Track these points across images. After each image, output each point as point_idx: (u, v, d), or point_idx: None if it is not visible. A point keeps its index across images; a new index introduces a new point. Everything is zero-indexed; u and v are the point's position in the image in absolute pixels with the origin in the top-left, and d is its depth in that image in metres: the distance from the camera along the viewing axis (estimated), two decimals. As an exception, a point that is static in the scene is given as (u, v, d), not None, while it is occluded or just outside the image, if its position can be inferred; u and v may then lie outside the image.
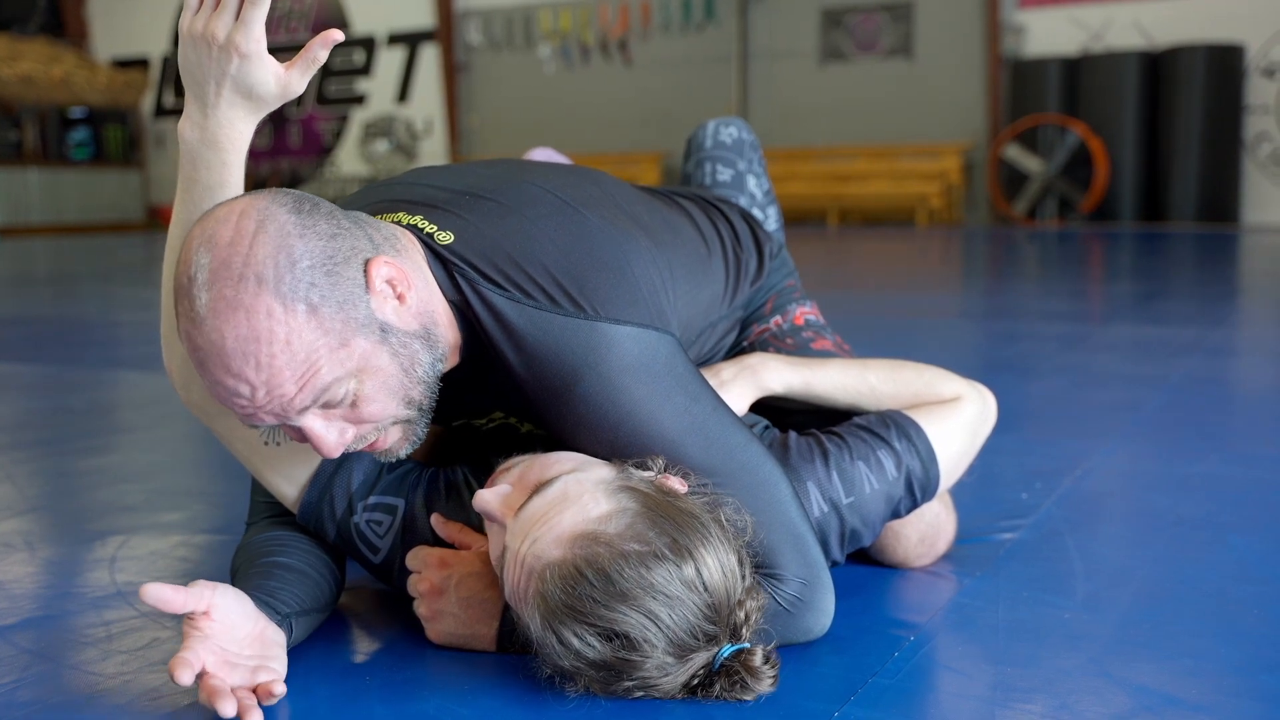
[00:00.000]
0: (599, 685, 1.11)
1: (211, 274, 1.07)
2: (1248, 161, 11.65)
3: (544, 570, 1.09)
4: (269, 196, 1.13)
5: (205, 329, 1.07)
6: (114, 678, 1.24)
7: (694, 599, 1.09)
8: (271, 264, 1.07)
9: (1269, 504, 1.87)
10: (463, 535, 1.30)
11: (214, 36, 1.19)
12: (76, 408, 2.98)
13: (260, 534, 1.37)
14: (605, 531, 1.10)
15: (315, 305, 1.08)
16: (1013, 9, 12.55)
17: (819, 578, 1.26)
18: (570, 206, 1.34)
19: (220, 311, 1.06)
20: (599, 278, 1.25)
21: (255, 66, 1.21)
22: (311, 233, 1.11)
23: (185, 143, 1.24)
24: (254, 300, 1.06)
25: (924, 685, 1.21)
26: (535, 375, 1.22)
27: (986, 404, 1.54)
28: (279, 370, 1.08)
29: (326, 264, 1.10)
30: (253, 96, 1.23)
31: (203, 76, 1.22)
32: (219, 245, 1.08)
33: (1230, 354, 3.67)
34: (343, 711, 1.15)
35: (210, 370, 1.09)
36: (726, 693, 1.13)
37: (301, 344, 1.08)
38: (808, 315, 1.72)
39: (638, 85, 14.42)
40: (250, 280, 1.06)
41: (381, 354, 1.14)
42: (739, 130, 1.94)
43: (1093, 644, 1.30)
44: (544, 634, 1.09)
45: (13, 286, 7.40)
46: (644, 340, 1.24)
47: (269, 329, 1.07)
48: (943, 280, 6.89)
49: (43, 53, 16.27)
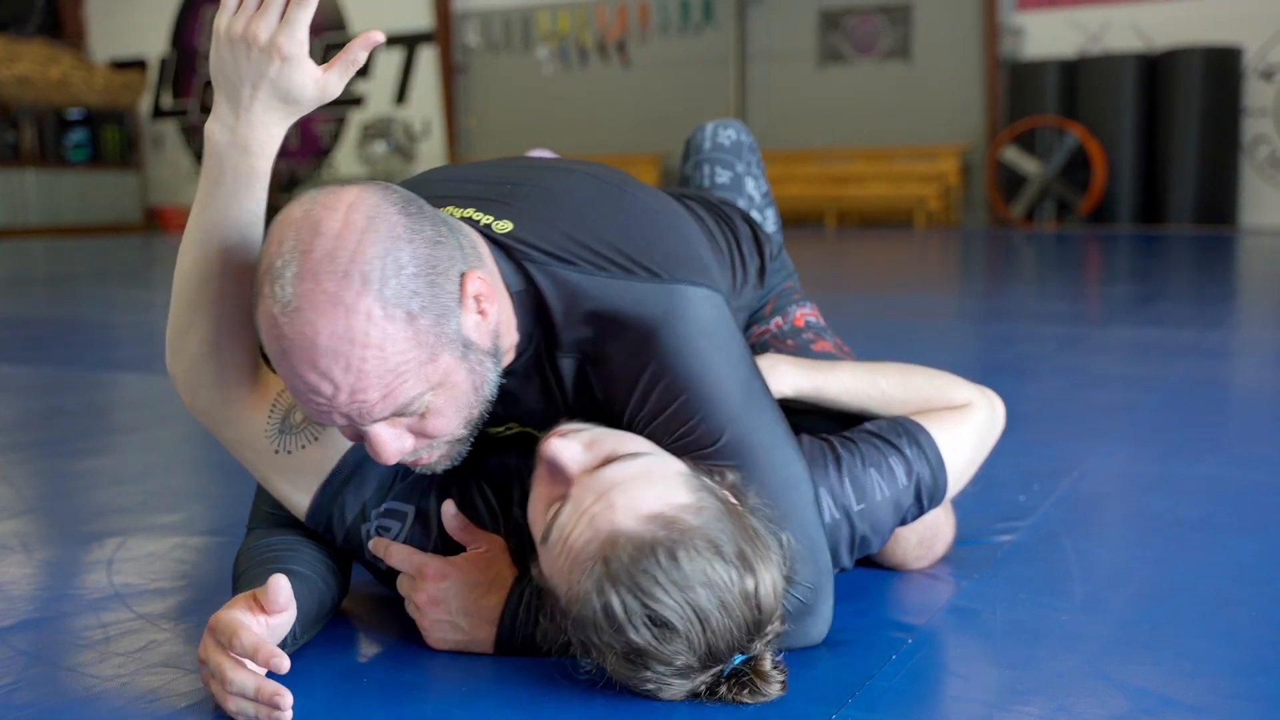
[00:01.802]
0: (617, 668, 1.09)
1: (314, 263, 1.04)
2: (1245, 164, 11.66)
3: (616, 536, 1.07)
4: (378, 191, 1.10)
5: (298, 320, 1.04)
6: (111, 680, 1.24)
7: (744, 612, 1.08)
8: (379, 265, 1.05)
9: (1266, 505, 1.87)
10: (464, 533, 1.30)
11: (255, 38, 1.17)
12: (74, 409, 2.97)
13: (264, 538, 1.35)
14: (685, 520, 1.09)
15: (414, 315, 1.06)
16: (1011, 11, 12.56)
17: (826, 584, 1.26)
18: (613, 185, 1.35)
19: (319, 304, 1.03)
20: (664, 244, 1.26)
21: (296, 69, 1.19)
22: (419, 238, 1.08)
23: (213, 144, 1.21)
24: (356, 300, 1.04)
25: (922, 687, 1.21)
26: (611, 339, 1.21)
27: (995, 411, 1.53)
28: (367, 375, 1.05)
29: (430, 273, 1.08)
30: (289, 100, 1.20)
31: (238, 78, 1.19)
32: (325, 234, 1.05)
33: (1228, 356, 3.67)
34: (342, 713, 1.15)
35: (292, 362, 1.06)
36: (734, 697, 1.13)
37: (395, 352, 1.06)
38: (808, 317, 1.72)
39: (636, 87, 14.43)
40: (355, 278, 1.04)
41: (460, 370, 1.13)
42: (737, 132, 1.94)
43: (1090, 646, 1.30)
44: (591, 598, 1.06)
45: (10, 288, 7.40)
46: (715, 302, 1.24)
47: (365, 332, 1.04)
48: (941, 282, 6.89)
49: (40, 54, 16.26)
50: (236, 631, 1.10)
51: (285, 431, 1.27)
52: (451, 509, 1.29)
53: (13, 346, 4.40)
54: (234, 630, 1.10)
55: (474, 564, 1.27)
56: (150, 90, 17.86)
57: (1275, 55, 11.52)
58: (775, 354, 1.57)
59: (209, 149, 1.21)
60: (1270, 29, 11.50)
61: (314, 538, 1.36)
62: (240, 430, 1.29)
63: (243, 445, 1.30)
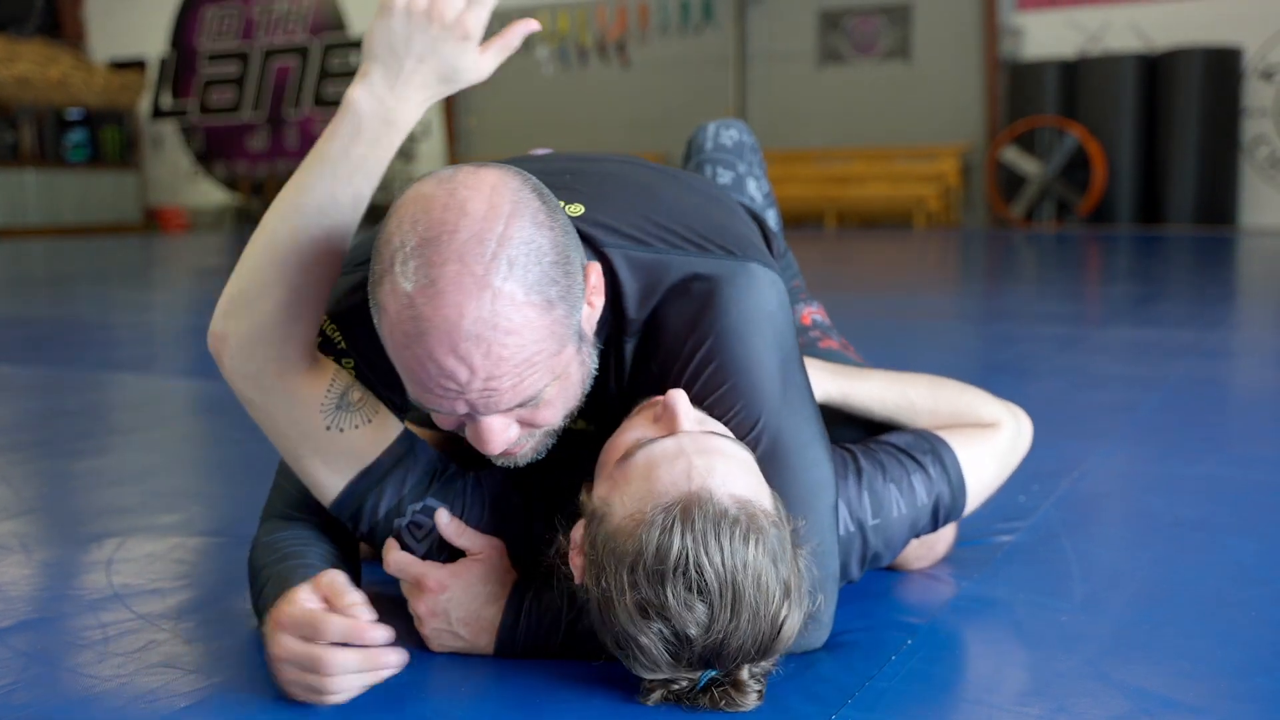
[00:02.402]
0: (620, 614, 1.06)
1: (462, 245, 1.01)
2: (1245, 164, 11.66)
3: (709, 493, 1.06)
4: (517, 175, 1.08)
5: (443, 301, 1.01)
6: (110, 680, 1.24)
7: (767, 630, 1.07)
8: (524, 250, 1.03)
9: (1266, 505, 1.87)
10: (463, 538, 1.29)
11: (441, 14, 1.17)
12: (73, 409, 2.97)
13: (277, 532, 1.33)
14: (764, 523, 1.09)
15: (553, 304, 1.05)
16: (1010, 11, 12.56)
17: (830, 591, 1.26)
18: (668, 173, 1.35)
19: (466, 287, 1.01)
20: (731, 228, 1.26)
21: (468, 49, 1.19)
22: (557, 225, 1.07)
23: (355, 113, 1.17)
24: (502, 284, 1.02)
25: (922, 688, 1.20)
26: (681, 300, 1.21)
27: (1022, 432, 1.52)
28: (504, 362, 1.04)
29: (565, 262, 1.07)
30: (449, 79, 1.20)
31: (404, 50, 1.17)
32: (471, 215, 1.03)
33: (1228, 356, 3.67)
34: (342, 713, 1.15)
35: (430, 344, 1.02)
36: (712, 705, 1.11)
37: (532, 340, 1.04)
38: (814, 315, 1.72)
39: (635, 87, 14.43)
40: (502, 263, 1.02)
41: (575, 362, 1.12)
42: (739, 132, 1.94)
43: (1090, 646, 1.30)
44: (654, 528, 1.05)
45: (9, 288, 7.40)
46: (780, 289, 1.25)
47: (509, 317, 1.02)
48: (940, 282, 6.89)
49: (40, 54, 16.26)
50: (320, 622, 1.09)
51: (342, 408, 1.24)
52: (445, 516, 1.27)
53: (12, 347, 4.40)
54: (316, 621, 1.10)
55: (474, 573, 1.26)
56: (149, 90, 17.87)
57: (1275, 55, 11.52)
58: (808, 358, 1.57)
59: (349, 116, 1.18)
60: (1270, 29, 11.50)
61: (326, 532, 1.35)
62: (291, 402, 1.24)
63: (287, 418, 1.25)
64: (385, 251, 1.05)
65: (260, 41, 17.28)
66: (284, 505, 1.37)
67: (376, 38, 1.19)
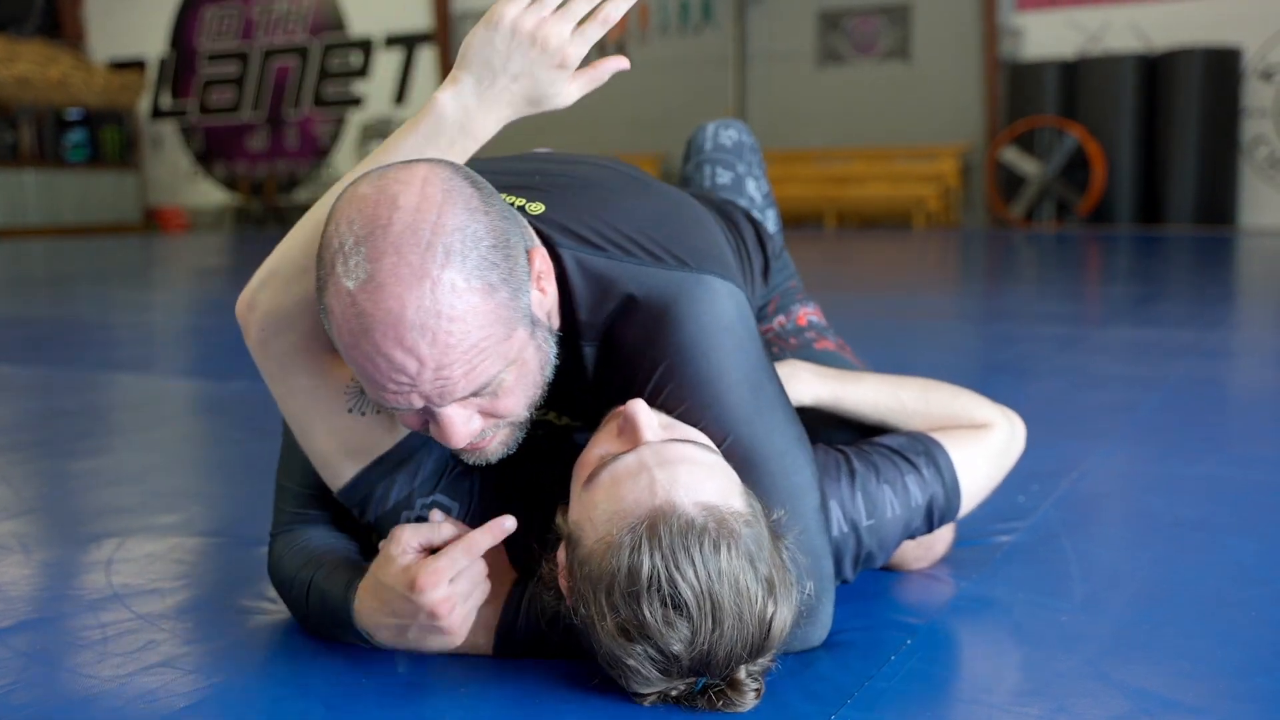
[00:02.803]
0: (606, 638, 1.07)
1: (396, 237, 1.02)
2: (1245, 164, 11.67)
3: (672, 507, 1.06)
4: (448, 166, 1.09)
5: (383, 295, 1.02)
6: (110, 680, 1.24)
7: (754, 631, 1.07)
8: (459, 236, 1.04)
9: (1266, 506, 1.87)
10: None
11: (545, 39, 1.18)
12: (72, 410, 2.97)
13: (302, 539, 1.35)
14: (736, 525, 1.08)
15: (494, 287, 1.06)
16: (1010, 11, 12.56)
17: (826, 591, 1.26)
18: (639, 180, 1.35)
19: (405, 278, 1.01)
20: (691, 237, 1.26)
21: (562, 77, 1.20)
22: (494, 211, 1.08)
23: (441, 116, 1.20)
24: (440, 272, 1.02)
25: (921, 688, 1.20)
26: (632, 321, 1.21)
27: (1016, 434, 1.52)
28: (453, 350, 1.04)
29: (505, 246, 1.07)
30: (535, 102, 1.22)
31: (501, 67, 1.19)
32: (404, 208, 1.03)
33: (1227, 356, 3.67)
34: (341, 713, 1.15)
35: (376, 339, 1.03)
36: (709, 706, 1.11)
37: (478, 326, 1.05)
38: (810, 316, 1.72)
39: (635, 87, 14.42)
40: (439, 250, 1.02)
41: (530, 347, 1.12)
42: (739, 133, 1.94)
43: (1090, 646, 1.30)
44: (623, 550, 1.05)
45: (9, 288, 7.40)
46: (739, 299, 1.24)
47: (450, 304, 1.03)
48: (940, 282, 6.89)
49: (39, 54, 16.27)
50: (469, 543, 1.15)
51: (366, 393, 1.23)
52: (439, 516, 1.28)
53: (12, 347, 4.40)
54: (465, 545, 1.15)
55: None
56: (149, 90, 17.87)
57: (1275, 56, 11.53)
58: (796, 360, 1.57)
59: (433, 117, 1.20)
60: (1270, 29, 11.51)
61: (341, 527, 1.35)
62: (317, 382, 1.24)
63: (309, 396, 1.25)
64: (326, 255, 1.06)
65: (260, 41, 17.28)
66: (294, 507, 1.38)
67: (475, 48, 1.20)
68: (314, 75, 16.90)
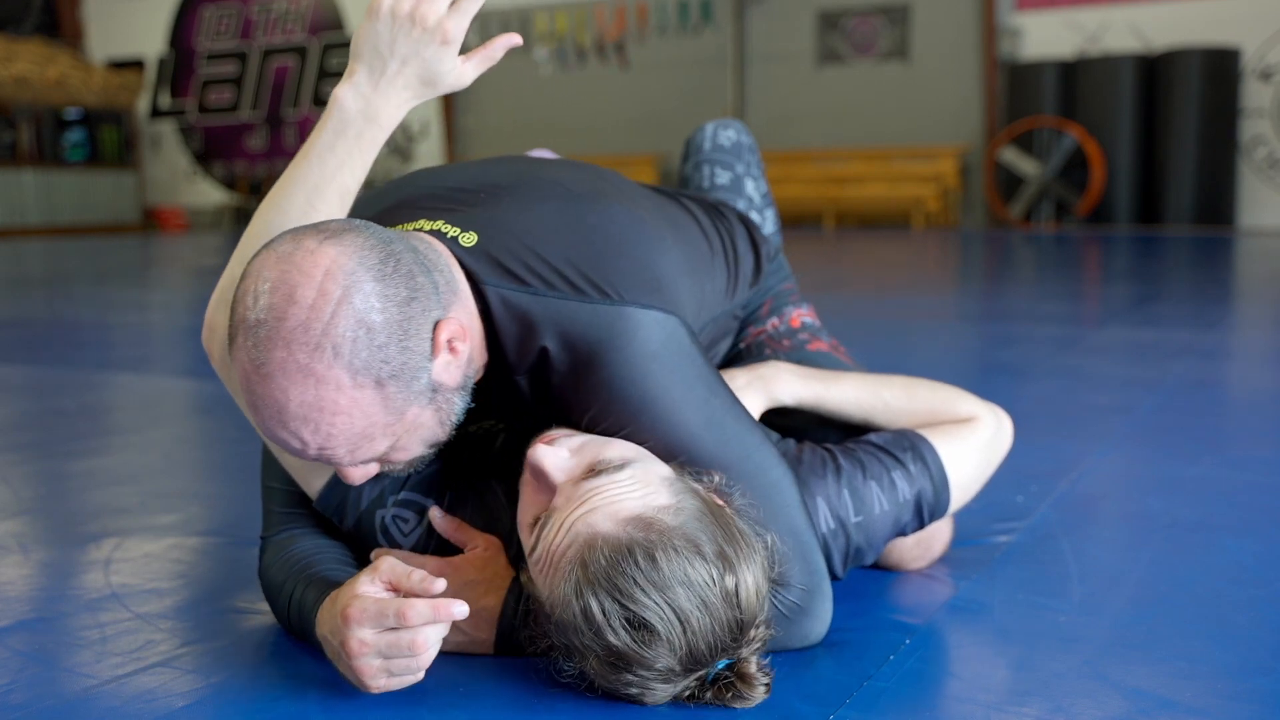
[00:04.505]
0: (599, 672, 1.10)
1: (289, 333, 1.05)
2: (1243, 165, 11.67)
3: (594, 539, 1.08)
4: (355, 250, 1.08)
5: (270, 384, 1.06)
6: (109, 680, 1.24)
7: (726, 612, 1.08)
8: (350, 337, 1.05)
9: (1264, 507, 1.88)
10: (459, 533, 1.30)
11: (424, 18, 1.23)
12: (70, 410, 2.97)
13: (291, 544, 1.35)
14: (663, 521, 1.09)
15: (383, 381, 1.08)
16: (1009, 12, 12.57)
17: (820, 586, 1.26)
18: (586, 198, 1.35)
19: (291, 373, 1.05)
20: (620, 263, 1.26)
21: (449, 54, 1.25)
22: (392, 302, 1.08)
23: (342, 110, 1.25)
24: (326, 370, 1.05)
25: (920, 688, 1.21)
26: (557, 363, 1.22)
27: (1002, 427, 1.52)
28: (335, 437, 1.08)
29: (401, 337, 1.09)
30: (429, 82, 1.27)
31: (389, 52, 1.24)
32: (299, 304, 1.05)
33: (1225, 357, 3.68)
34: (336, 713, 1.15)
35: (263, 417, 1.08)
36: (718, 700, 1.13)
37: (362, 417, 1.08)
38: (804, 318, 1.72)
39: (634, 88, 14.43)
40: (327, 351, 1.05)
41: (427, 413, 1.15)
42: (737, 133, 1.94)
43: (1088, 647, 1.30)
44: (570, 602, 1.07)
45: (8, 288, 7.39)
46: (667, 326, 1.24)
47: (334, 400, 1.06)
48: (938, 283, 6.89)
49: (38, 53, 16.25)
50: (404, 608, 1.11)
51: None
52: (438, 512, 1.30)
53: (10, 347, 4.40)
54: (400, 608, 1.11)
55: (471, 564, 1.27)
56: (148, 90, 17.86)
57: (1273, 56, 11.53)
58: (778, 361, 1.57)
59: (336, 113, 1.25)
60: (1268, 30, 11.51)
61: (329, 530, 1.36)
62: None
63: None
64: (235, 312, 1.10)
65: (259, 41, 17.27)
66: (281, 507, 1.38)
67: (363, 39, 1.25)
68: (313, 75, 16.89)
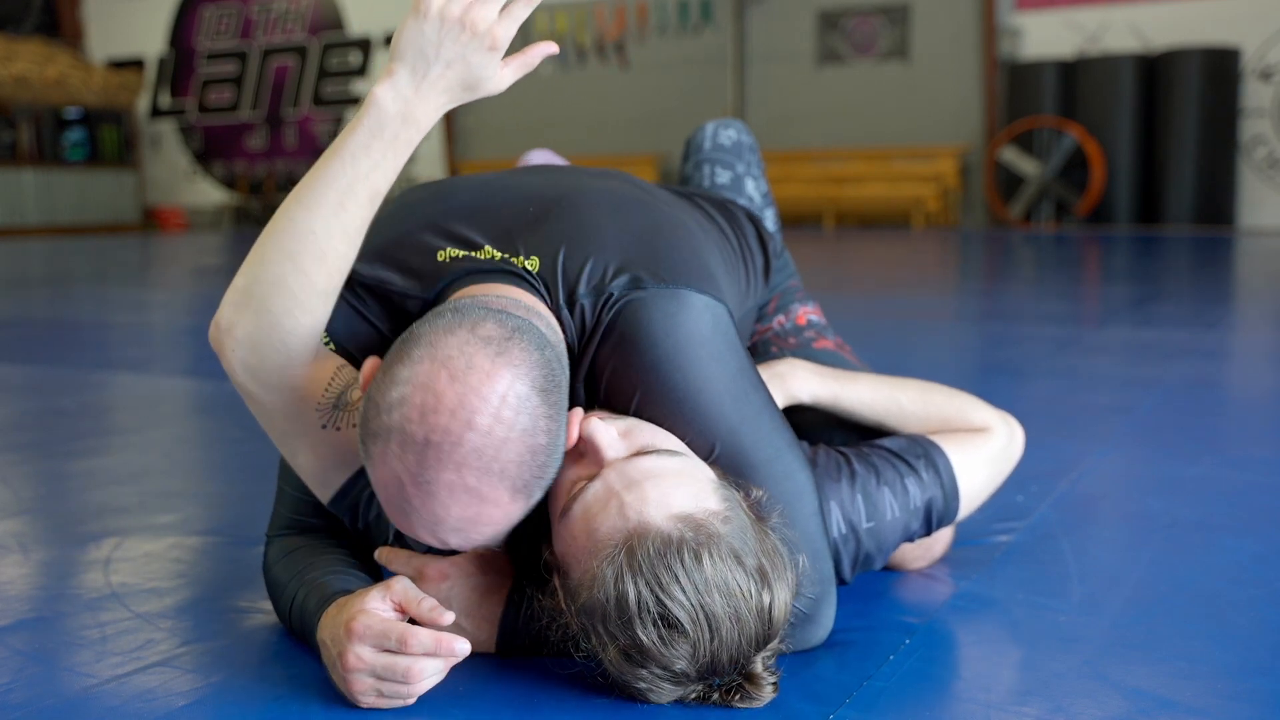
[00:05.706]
0: (614, 661, 1.09)
1: (462, 457, 1.04)
2: (1243, 164, 11.68)
3: (646, 527, 1.07)
4: (526, 373, 1.08)
5: (433, 501, 1.06)
6: (109, 680, 1.24)
7: (755, 626, 1.08)
8: (518, 461, 1.06)
9: (1264, 506, 1.87)
10: None
11: (474, 23, 1.20)
12: (70, 409, 2.97)
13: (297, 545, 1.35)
14: (714, 526, 1.09)
15: (534, 495, 1.10)
16: (1009, 12, 12.57)
17: (827, 593, 1.27)
18: (629, 201, 1.37)
19: (457, 494, 1.05)
20: (673, 256, 1.28)
21: (494, 60, 1.23)
22: (555, 422, 1.10)
23: (380, 110, 1.21)
24: (491, 491, 1.06)
25: (920, 688, 1.21)
26: (610, 350, 1.23)
27: (1014, 438, 1.52)
28: (477, 540, 1.11)
29: (553, 453, 1.10)
30: (471, 87, 1.24)
31: (434, 55, 1.21)
32: (477, 430, 1.04)
33: (1225, 357, 3.68)
34: (337, 712, 1.15)
35: (410, 521, 1.08)
36: (725, 702, 1.13)
37: (505, 520, 1.10)
38: (810, 315, 1.72)
39: (634, 87, 14.43)
40: (495, 473, 1.05)
41: None
42: (738, 132, 1.95)
43: (1087, 646, 1.30)
44: (607, 584, 1.06)
45: (7, 288, 7.39)
46: (717, 312, 1.25)
47: (490, 514, 1.08)
48: (938, 283, 6.89)
49: (38, 53, 16.25)
50: (407, 634, 1.11)
51: (339, 407, 1.24)
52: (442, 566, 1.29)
53: (9, 346, 4.40)
54: (403, 633, 1.11)
55: (474, 564, 1.26)
56: (148, 90, 17.86)
57: (1273, 56, 11.54)
58: (796, 359, 1.57)
59: (374, 113, 1.21)
60: (1268, 29, 11.52)
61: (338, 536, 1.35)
62: (292, 397, 1.24)
63: (285, 414, 1.25)
64: (386, 417, 1.06)
65: (259, 41, 17.27)
66: (291, 512, 1.38)
67: (406, 39, 1.21)
68: (313, 74, 16.89)
